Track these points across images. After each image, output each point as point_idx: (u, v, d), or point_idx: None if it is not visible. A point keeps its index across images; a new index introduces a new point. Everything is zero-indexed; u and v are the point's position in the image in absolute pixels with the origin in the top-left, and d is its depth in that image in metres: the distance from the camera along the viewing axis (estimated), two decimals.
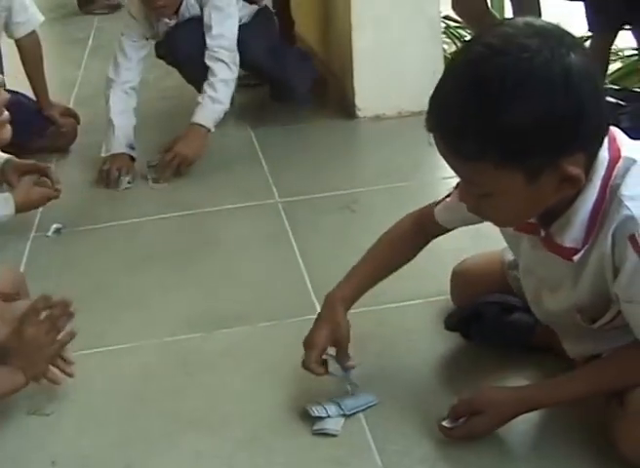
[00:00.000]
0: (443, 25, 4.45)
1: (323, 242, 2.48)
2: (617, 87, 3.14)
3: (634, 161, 1.41)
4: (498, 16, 3.92)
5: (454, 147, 1.37)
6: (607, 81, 3.37)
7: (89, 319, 2.07)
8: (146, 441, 1.72)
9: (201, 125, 3.04)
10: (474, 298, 1.86)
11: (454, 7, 3.60)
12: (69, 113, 3.41)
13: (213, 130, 3.07)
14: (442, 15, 3.77)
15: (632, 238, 1.38)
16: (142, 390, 1.88)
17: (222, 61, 3.10)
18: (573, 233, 1.44)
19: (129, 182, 3.01)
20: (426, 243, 1.83)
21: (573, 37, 1.35)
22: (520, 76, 1.29)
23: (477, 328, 1.85)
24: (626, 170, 1.40)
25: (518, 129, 1.29)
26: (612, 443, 1.51)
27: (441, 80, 1.38)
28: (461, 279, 1.96)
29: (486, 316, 1.83)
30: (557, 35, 1.33)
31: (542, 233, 1.49)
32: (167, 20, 3.22)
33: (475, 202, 1.45)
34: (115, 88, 3.17)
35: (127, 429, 1.76)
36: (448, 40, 4.56)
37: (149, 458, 1.68)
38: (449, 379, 1.85)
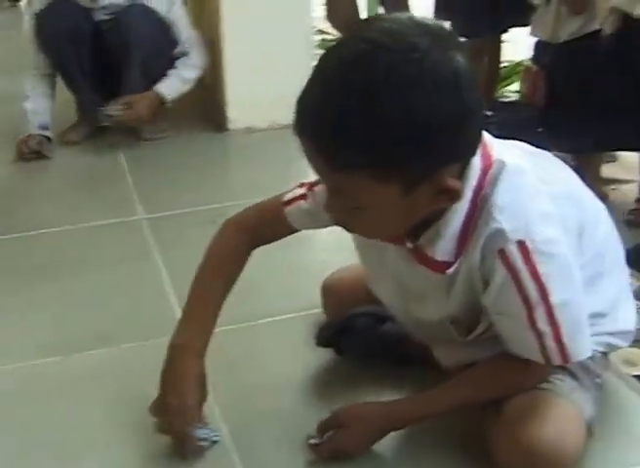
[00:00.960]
0: (318, 38, 4.45)
1: (189, 257, 2.33)
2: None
3: (504, 164, 1.35)
4: None
5: (325, 154, 1.23)
6: None
7: None
8: None
9: (162, 96, 3.26)
10: (345, 311, 1.79)
11: (327, 17, 3.59)
12: None
13: (169, 103, 3.30)
14: (317, 29, 3.76)
15: (501, 252, 1.33)
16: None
17: (199, 52, 3.35)
18: (444, 246, 1.37)
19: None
20: (253, 250, 1.69)
21: (458, 39, 1.27)
22: (408, 77, 1.17)
23: (348, 341, 1.78)
24: (497, 175, 1.34)
25: (401, 134, 1.18)
26: (488, 452, 1.46)
27: (311, 78, 1.25)
28: (332, 292, 1.89)
29: (356, 328, 1.76)
30: (445, 36, 1.23)
31: (410, 245, 1.42)
32: None
33: (344, 215, 1.34)
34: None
35: None
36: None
37: None
38: (322, 396, 1.76)
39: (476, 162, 1.33)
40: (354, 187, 1.26)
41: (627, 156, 3.54)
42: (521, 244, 1.32)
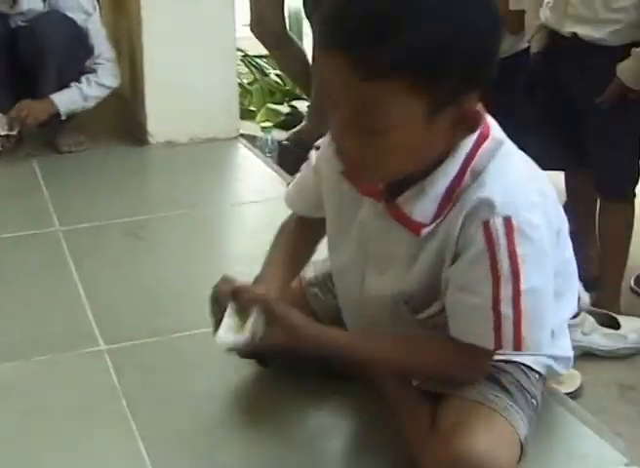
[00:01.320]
0: (240, 54, 4.44)
1: (106, 270, 2.33)
2: None
3: (501, 144, 1.34)
4: (296, 39, 3.93)
5: (359, 60, 1.17)
6: None
7: None
8: None
9: (56, 106, 3.14)
10: None
11: (252, 29, 3.58)
12: None
13: (63, 116, 3.18)
14: (238, 46, 3.75)
15: (486, 223, 1.30)
16: None
17: (109, 71, 3.23)
18: (424, 206, 1.34)
19: None
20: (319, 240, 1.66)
21: None
22: None
23: (273, 354, 1.73)
24: (494, 151, 1.33)
25: (441, 43, 1.17)
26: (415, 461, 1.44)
27: None
28: None
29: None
30: None
31: (387, 202, 1.38)
32: None
33: (358, 141, 1.25)
34: None
35: None
36: (246, 69, 4.55)
37: None
38: (245, 410, 1.72)
39: None
40: (382, 100, 1.20)
41: None
42: (507, 220, 1.29)
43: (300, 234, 1.66)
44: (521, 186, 1.34)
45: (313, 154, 1.58)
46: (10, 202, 2.84)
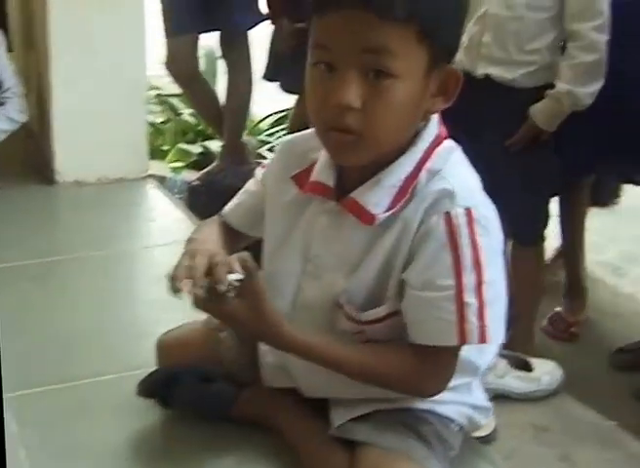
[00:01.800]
0: (154, 93, 4.40)
1: (8, 315, 2.23)
2: None
3: (454, 149, 1.39)
4: (209, 80, 3.92)
5: (379, 11, 1.23)
6: None
7: None
8: None
9: None
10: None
11: (167, 67, 3.55)
12: None
13: None
14: (152, 85, 3.71)
15: (447, 214, 1.30)
16: None
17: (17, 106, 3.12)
18: (378, 196, 1.35)
19: None
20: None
21: None
22: None
23: (177, 393, 1.66)
24: (447, 156, 1.37)
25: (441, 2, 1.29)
26: None
27: None
28: (166, 350, 1.78)
29: (182, 381, 1.65)
30: None
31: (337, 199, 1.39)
32: None
33: (362, 90, 1.27)
34: None
35: None
36: (159, 107, 4.50)
37: None
38: (147, 462, 1.64)
39: (433, 126, 1.39)
40: (395, 44, 1.26)
41: None
42: (468, 210, 1.31)
43: (221, 234, 1.59)
44: (476, 186, 1.38)
45: (259, 171, 1.59)
46: None
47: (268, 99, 4.11)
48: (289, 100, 3.73)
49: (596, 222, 3.34)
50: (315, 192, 1.42)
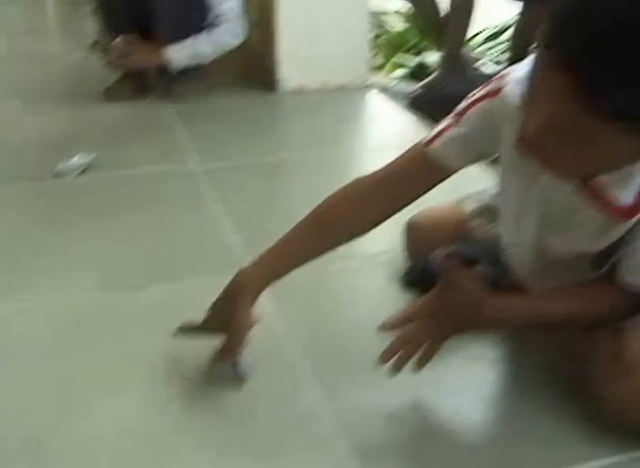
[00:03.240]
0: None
1: (246, 204, 2.29)
2: None
3: None
4: None
5: (587, 97, 1.03)
6: None
7: None
8: (60, 406, 1.46)
9: (166, 59, 3.13)
10: (430, 252, 1.67)
11: None
12: None
13: (172, 72, 3.17)
14: None
15: None
16: (53, 349, 1.63)
17: (231, 28, 3.16)
18: (630, 190, 1.24)
19: None
20: (392, 212, 1.49)
21: None
22: None
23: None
24: None
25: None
26: (598, 400, 1.36)
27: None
28: (416, 232, 1.77)
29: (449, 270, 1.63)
30: None
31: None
32: None
33: (552, 147, 1.13)
34: None
35: (33, 393, 1.50)
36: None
37: (65, 427, 1.41)
38: None
39: None
40: (596, 138, 1.08)
41: None
42: None
43: (372, 198, 1.49)
44: None
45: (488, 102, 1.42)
46: (148, 142, 2.84)
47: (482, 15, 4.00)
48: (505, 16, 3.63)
49: None
50: (555, 174, 1.28)
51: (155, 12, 3.11)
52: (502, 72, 1.39)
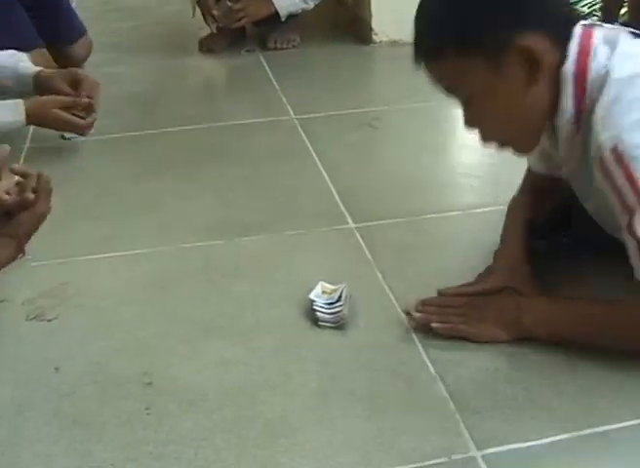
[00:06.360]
0: None
1: (345, 155, 2.31)
2: None
3: (608, 73, 1.30)
4: None
5: (418, 53, 1.39)
6: None
7: (96, 225, 1.95)
8: (164, 348, 1.52)
9: (275, 7, 3.21)
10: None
11: None
12: None
13: (282, 18, 3.24)
14: None
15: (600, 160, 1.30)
16: (158, 296, 1.69)
17: None
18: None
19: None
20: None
21: None
22: None
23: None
24: (601, 85, 1.29)
25: (469, 9, 1.30)
26: None
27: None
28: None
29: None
30: None
31: None
32: None
33: (465, 115, 1.41)
34: None
35: (141, 335, 1.56)
36: None
37: (169, 366, 1.47)
38: None
39: (569, 65, 1.32)
40: (449, 77, 1.37)
41: None
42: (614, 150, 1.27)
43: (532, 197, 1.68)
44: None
45: None
46: (242, 93, 2.88)
47: None
48: None
49: None
50: None
51: None
52: None
